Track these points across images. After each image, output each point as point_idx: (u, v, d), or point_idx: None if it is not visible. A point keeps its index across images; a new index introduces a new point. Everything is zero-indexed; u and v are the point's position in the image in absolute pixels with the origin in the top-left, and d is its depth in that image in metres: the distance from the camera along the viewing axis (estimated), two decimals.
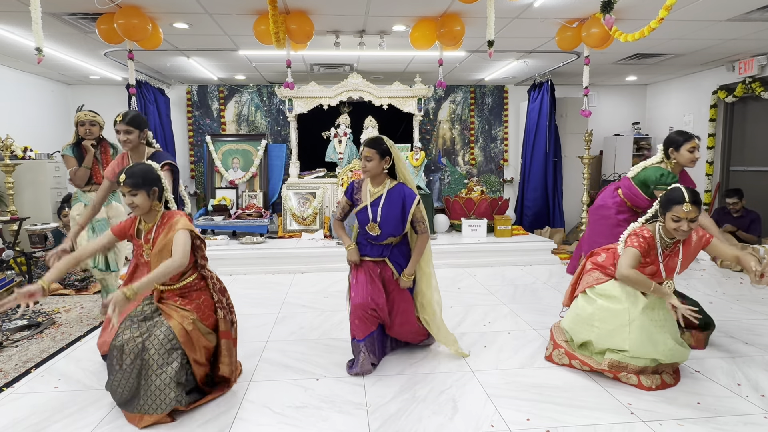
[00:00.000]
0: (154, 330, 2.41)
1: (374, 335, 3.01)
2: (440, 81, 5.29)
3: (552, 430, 2.33)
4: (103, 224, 3.91)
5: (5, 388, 2.81)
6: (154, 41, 4.74)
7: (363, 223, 3.00)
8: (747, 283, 4.98)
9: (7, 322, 3.83)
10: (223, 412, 2.52)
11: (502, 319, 3.93)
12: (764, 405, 2.55)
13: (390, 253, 3.04)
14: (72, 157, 3.90)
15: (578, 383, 2.80)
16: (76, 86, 7.75)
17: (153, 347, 2.37)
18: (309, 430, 2.36)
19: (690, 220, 2.56)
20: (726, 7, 4.40)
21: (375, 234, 2.97)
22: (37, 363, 3.14)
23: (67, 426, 2.41)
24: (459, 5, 4.36)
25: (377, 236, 2.98)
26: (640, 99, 8.75)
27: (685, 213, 2.55)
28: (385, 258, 3.04)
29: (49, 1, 3.74)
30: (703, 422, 2.39)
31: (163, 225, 2.53)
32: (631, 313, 2.69)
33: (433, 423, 2.41)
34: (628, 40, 3.41)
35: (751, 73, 6.29)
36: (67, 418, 2.48)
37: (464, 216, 6.61)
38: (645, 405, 2.54)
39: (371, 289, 2.97)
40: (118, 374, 2.36)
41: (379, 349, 3.10)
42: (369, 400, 2.64)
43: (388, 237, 2.99)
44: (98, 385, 2.84)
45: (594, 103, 8.42)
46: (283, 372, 3.00)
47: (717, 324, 3.72)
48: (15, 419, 2.48)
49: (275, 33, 4.28)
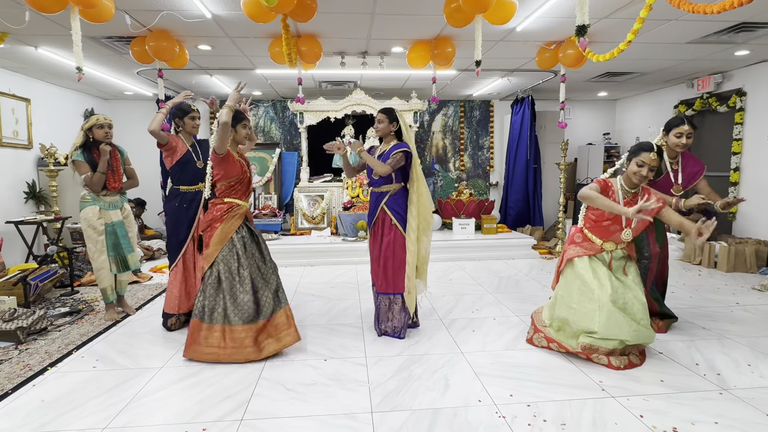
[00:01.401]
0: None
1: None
2: (434, 96, 5.28)
3: (532, 404, 2.33)
4: (120, 225, 3.63)
5: (50, 367, 2.82)
6: (181, 61, 4.74)
7: (369, 173, 3.23)
8: (705, 275, 4.98)
9: (51, 309, 3.83)
10: (243, 389, 2.52)
11: (488, 307, 3.93)
12: (719, 382, 2.55)
13: (387, 200, 3.18)
14: (84, 163, 3.46)
15: (555, 363, 2.80)
16: (111, 101, 7.74)
17: None
18: (317, 404, 2.37)
19: (650, 169, 2.65)
20: (686, 31, 4.40)
21: (376, 179, 3.21)
22: (77, 345, 3.14)
23: (105, 401, 2.42)
24: (450, 29, 4.36)
25: (373, 180, 3.22)
26: (610, 112, 8.74)
27: (650, 160, 2.64)
28: (382, 204, 3.19)
29: (89, 25, 3.73)
30: (666, 397, 2.39)
31: None
32: (601, 300, 2.70)
33: (427, 398, 2.41)
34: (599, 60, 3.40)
35: (709, 89, 6.29)
36: (104, 394, 2.49)
37: (455, 215, 6.60)
38: (614, 382, 2.55)
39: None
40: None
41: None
42: (371, 378, 2.64)
43: (382, 184, 3.19)
44: (132, 365, 2.84)
45: (569, 116, 8.41)
46: (295, 353, 3.00)
47: (679, 311, 3.73)
48: (59, 395, 2.49)
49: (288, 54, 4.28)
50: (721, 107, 6.14)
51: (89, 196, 3.55)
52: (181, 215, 3.36)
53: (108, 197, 3.60)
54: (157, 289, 4.59)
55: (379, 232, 3.23)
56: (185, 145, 3.37)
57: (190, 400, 2.41)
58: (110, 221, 3.59)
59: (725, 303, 4.00)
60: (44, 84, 6.20)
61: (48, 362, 2.87)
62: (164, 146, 3.30)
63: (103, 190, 3.56)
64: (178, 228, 3.37)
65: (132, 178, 3.80)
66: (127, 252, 3.67)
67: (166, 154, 3.33)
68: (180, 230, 3.37)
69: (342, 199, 6.75)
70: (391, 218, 3.17)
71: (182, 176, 3.36)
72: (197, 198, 3.39)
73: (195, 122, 3.40)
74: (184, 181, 3.37)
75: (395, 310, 3.22)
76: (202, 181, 3.37)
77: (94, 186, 3.50)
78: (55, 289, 4.55)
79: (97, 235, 3.54)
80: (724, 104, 6.11)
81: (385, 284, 3.20)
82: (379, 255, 3.21)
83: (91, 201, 3.54)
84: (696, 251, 5.54)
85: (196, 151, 3.41)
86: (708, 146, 6.73)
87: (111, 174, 3.57)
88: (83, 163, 3.48)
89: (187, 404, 2.38)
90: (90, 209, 3.53)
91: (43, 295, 4.25)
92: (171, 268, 3.40)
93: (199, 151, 3.43)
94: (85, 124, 3.52)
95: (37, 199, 5.89)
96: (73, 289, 4.50)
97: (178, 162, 3.33)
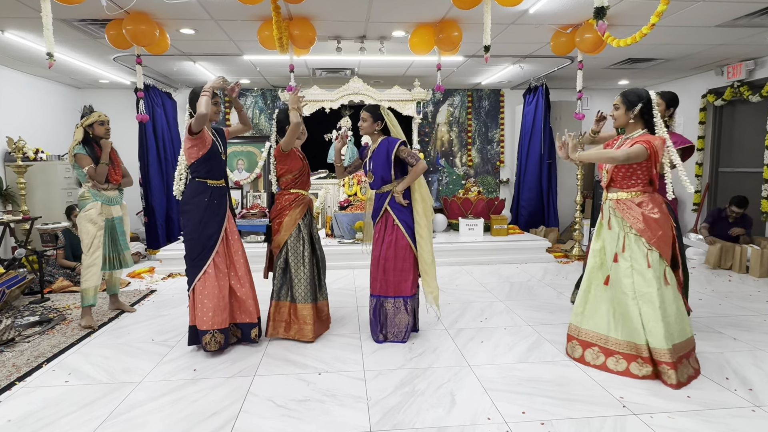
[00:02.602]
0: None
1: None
2: (438, 85, 5.28)
3: (547, 422, 2.33)
4: (119, 221, 3.97)
5: (18, 382, 2.81)
6: (161, 46, 4.73)
7: (365, 175, 3.43)
8: (736, 281, 4.98)
9: (19, 319, 3.83)
10: (229, 405, 2.52)
11: (499, 316, 3.93)
12: (752, 398, 2.55)
13: (390, 200, 3.32)
14: (87, 156, 3.75)
15: (572, 377, 2.80)
16: (86, 90, 7.74)
17: None
18: (311, 423, 2.36)
19: (615, 108, 2.92)
20: (715, 13, 4.40)
21: (371, 181, 3.39)
22: (48, 358, 3.14)
23: (77, 419, 2.41)
24: (456, 11, 4.36)
25: (372, 183, 3.38)
26: None
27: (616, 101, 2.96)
28: (385, 205, 3.31)
29: (60, 7, 3.73)
30: (693, 415, 2.39)
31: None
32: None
33: (431, 416, 2.41)
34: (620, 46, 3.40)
35: (740, 77, 6.29)
36: (77, 411, 2.48)
37: (462, 216, 6.60)
38: (636, 398, 2.54)
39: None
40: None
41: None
42: (369, 394, 2.64)
43: (382, 184, 3.33)
44: (107, 380, 2.84)
45: (587, 107, 8.41)
46: (286, 366, 2.99)
47: (707, 320, 3.72)
48: (27, 412, 2.48)
49: (279, 38, 4.28)
50: (754, 97, 6.14)
51: (89, 193, 3.78)
52: (212, 211, 3.21)
53: (109, 192, 3.88)
54: (135, 296, 4.59)
55: (381, 234, 3.36)
56: (210, 135, 3.24)
57: (171, 418, 2.41)
58: (110, 216, 3.89)
59: (758, 311, 3.99)
60: (11, 71, 6.19)
61: (15, 376, 2.86)
62: (197, 135, 3.14)
63: (105, 184, 3.85)
64: (208, 226, 3.19)
65: (126, 176, 4.08)
66: (124, 248, 4.03)
67: (192, 145, 3.14)
68: (210, 228, 3.19)
69: (338, 198, 6.75)
70: (394, 218, 3.30)
71: (211, 169, 3.24)
72: (227, 193, 3.35)
73: (218, 107, 3.34)
74: (212, 174, 3.25)
75: (396, 314, 3.34)
76: (224, 175, 3.36)
77: (99, 177, 3.76)
78: (23, 296, 4.55)
79: (96, 230, 3.76)
80: (757, 93, 6.10)
81: (385, 287, 3.33)
82: (379, 256, 3.34)
83: (92, 198, 3.78)
84: (724, 255, 5.54)
85: (217, 141, 3.30)
86: (739, 139, 6.73)
87: (111, 168, 3.88)
88: (86, 156, 3.74)
89: (167, 422, 2.37)
90: (92, 205, 3.77)
91: (10, 303, 4.25)
92: (199, 277, 3.15)
93: (219, 142, 3.33)
94: (85, 121, 3.80)
95: (3, 197, 5.88)
96: (44, 296, 4.50)
97: (207, 154, 3.18)
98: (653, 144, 2.69)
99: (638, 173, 2.79)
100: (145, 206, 6.59)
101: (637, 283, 2.75)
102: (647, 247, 2.75)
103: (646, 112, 2.81)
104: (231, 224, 3.32)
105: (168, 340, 3.46)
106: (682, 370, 2.70)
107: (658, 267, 2.74)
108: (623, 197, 2.85)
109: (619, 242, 2.83)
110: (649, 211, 2.77)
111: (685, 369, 2.72)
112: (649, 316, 2.70)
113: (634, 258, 2.77)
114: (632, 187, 2.83)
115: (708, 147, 7.08)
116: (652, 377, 2.72)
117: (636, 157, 2.71)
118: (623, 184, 2.85)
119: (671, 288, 2.76)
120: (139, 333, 3.62)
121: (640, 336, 2.73)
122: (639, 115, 2.82)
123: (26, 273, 4.60)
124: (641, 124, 2.85)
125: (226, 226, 3.27)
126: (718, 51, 5.78)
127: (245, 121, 3.55)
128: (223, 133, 3.44)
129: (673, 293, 2.77)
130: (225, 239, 3.26)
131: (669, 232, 2.79)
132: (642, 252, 2.76)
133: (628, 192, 2.84)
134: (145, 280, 5.26)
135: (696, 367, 2.83)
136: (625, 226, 2.82)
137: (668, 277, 2.76)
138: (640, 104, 2.80)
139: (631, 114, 2.83)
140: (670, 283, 2.76)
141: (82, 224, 3.76)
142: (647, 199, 2.80)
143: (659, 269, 2.74)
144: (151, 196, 6.59)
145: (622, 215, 2.83)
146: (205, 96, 3.05)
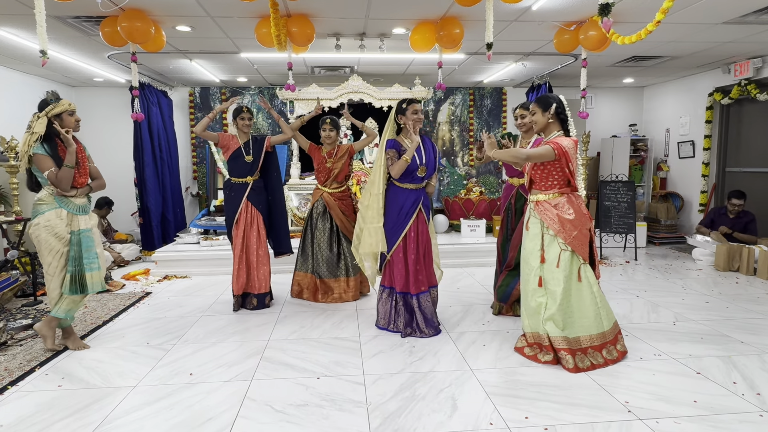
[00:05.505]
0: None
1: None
2: (440, 83, 5.29)
3: (550, 428, 2.33)
4: (87, 235, 3.27)
5: (10, 386, 2.81)
6: (156, 44, 4.74)
7: (413, 170, 3.46)
8: (743, 283, 4.98)
9: (12, 322, 3.83)
10: (225, 410, 2.52)
11: (501, 319, 3.93)
12: (760, 403, 2.55)
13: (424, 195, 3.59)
14: (47, 156, 3.10)
15: (576, 382, 2.80)
16: (80, 88, 7.75)
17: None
18: (310, 428, 2.36)
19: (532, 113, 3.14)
20: (722, 10, 4.40)
21: (422, 175, 3.50)
22: (41, 362, 3.14)
23: (70, 424, 2.42)
24: (458, 8, 4.36)
25: (425, 176, 3.52)
26: (637, 101, 8.74)
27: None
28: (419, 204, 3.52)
29: (54, 4, 3.74)
30: (700, 420, 2.39)
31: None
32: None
33: (432, 421, 2.41)
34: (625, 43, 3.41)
35: (747, 75, 6.29)
36: (70, 416, 2.48)
37: (463, 216, 6.61)
38: (642, 403, 2.55)
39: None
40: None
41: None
42: (369, 399, 2.64)
43: (431, 176, 3.59)
44: (102, 384, 2.84)
45: (592, 105, 8.43)
46: (284, 370, 3.00)
47: (714, 323, 3.73)
48: (20, 417, 2.48)
49: (277, 36, 4.28)
50: (762, 95, 6.15)
51: (50, 198, 3.17)
52: (231, 202, 4.19)
53: (77, 199, 3.25)
54: (130, 298, 4.59)
55: (415, 229, 3.53)
56: (238, 141, 4.17)
57: (167, 423, 2.41)
58: (77, 229, 3.23)
59: (766, 314, 3.99)
60: (3, 69, 6.21)
61: (8, 381, 2.86)
62: (218, 144, 4.21)
63: (72, 190, 3.23)
64: (229, 212, 4.20)
65: (97, 178, 3.44)
66: (87, 269, 3.23)
67: (223, 150, 4.20)
68: (228, 213, 4.20)
69: None
70: (422, 211, 3.57)
71: (233, 169, 4.21)
72: (243, 189, 4.17)
73: (244, 122, 4.18)
74: (234, 173, 4.21)
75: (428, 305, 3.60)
76: (250, 175, 4.18)
77: (63, 183, 3.13)
78: (15, 298, 4.55)
79: (61, 245, 3.18)
80: (765, 92, 6.11)
81: (425, 281, 3.58)
82: (423, 252, 3.55)
83: (54, 204, 3.16)
84: (732, 257, 5.54)
85: (248, 147, 4.18)
86: (746, 139, 6.74)
87: (77, 169, 3.23)
88: (46, 157, 3.11)
89: (163, 427, 2.38)
90: (54, 213, 3.15)
91: (2, 306, 4.25)
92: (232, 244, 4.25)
93: (251, 147, 4.19)
94: (52, 110, 3.14)
95: None
96: (37, 299, 4.50)
97: (231, 157, 4.17)
98: (562, 145, 2.92)
99: (554, 174, 3.01)
100: (140, 207, 6.58)
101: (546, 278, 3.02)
102: (562, 247, 2.97)
103: (561, 112, 3.05)
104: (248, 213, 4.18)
105: (163, 344, 3.46)
106: (582, 357, 2.95)
107: (569, 266, 2.96)
108: (542, 199, 3.07)
109: (537, 242, 3.05)
110: (564, 213, 2.98)
111: (589, 358, 2.97)
112: (550, 309, 2.97)
113: (548, 258, 3.02)
114: (549, 189, 3.05)
115: (715, 146, 7.08)
116: (553, 362, 2.99)
117: (539, 157, 2.96)
118: (541, 186, 3.08)
119: (584, 284, 2.99)
120: (134, 336, 3.63)
121: (541, 327, 3.03)
122: (555, 115, 3.03)
123: (19, 275, 4.60)
124: (558, 126, 3.07)
125: (241, 214, 4.17)
126: (725, 48, 5.79)
127: (284, 128, 4.34)
128: (261, 140, 4.25)
129: (588, 289, 2.99)
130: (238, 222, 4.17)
131: (585, 231, 3.01)
132: (555, 252, 2.98)
133: (546, 194, 3.06)
134: (141, 283, 5.26)
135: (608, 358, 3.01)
136: (542, 227, 3.03)
137: (582, 274, 2.98)
138: (554, 104, 3.02)
139: (549, 114, 3.04)
140: (582, 281, 2.98)
141: (42, 236, 3.12)
142: (564, 201, 3.02)
143: (569, 268, 2.96)
144: (147, 197, 6.58)
145: (540, 217, 3.04)
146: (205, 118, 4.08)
